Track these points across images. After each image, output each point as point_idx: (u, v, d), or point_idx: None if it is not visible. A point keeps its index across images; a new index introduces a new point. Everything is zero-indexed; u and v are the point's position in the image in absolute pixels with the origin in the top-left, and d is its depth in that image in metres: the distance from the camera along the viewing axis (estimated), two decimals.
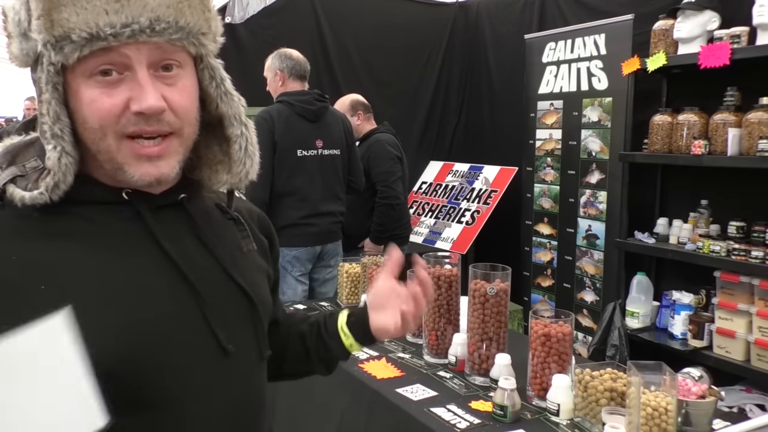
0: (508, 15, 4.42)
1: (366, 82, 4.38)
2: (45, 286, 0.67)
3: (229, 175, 0.83)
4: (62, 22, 0.65)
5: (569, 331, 1.51)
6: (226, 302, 0.80)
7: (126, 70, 0.70)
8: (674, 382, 1.26)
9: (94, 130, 0.70)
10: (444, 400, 1.54)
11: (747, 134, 2.50)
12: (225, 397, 0.77)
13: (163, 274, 0.74)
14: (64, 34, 0.65)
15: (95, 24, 0.65)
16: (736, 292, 2.57)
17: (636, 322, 2.98)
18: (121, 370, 0.68)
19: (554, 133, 3.68)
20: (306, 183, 2.86)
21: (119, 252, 0.72)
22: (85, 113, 0.70)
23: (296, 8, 4.11)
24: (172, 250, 0.75)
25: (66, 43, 0.66)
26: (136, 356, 0.69)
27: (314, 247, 2.91)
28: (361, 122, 3.43)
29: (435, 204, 4.52)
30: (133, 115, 0.70)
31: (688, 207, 2.96)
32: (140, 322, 0.70)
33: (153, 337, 0.71)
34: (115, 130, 0.70)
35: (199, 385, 0.74)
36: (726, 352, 2.60)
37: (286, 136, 2.82)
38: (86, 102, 0.69)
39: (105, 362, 0.64)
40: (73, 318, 0.59)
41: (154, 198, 0.77)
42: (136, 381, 0.69)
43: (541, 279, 3.83)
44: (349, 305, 2.34)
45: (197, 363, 0.74)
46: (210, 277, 0.78)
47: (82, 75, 0.69)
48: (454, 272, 1.81)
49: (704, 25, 2.72)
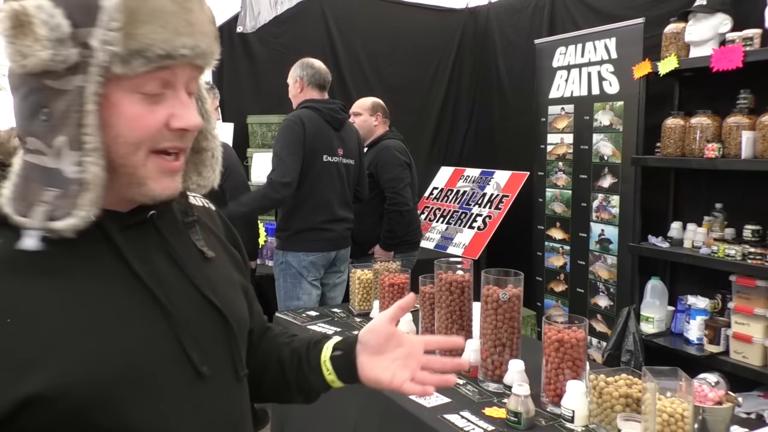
0: (518, 20, 4.43)
1: (376, 89, 4.40)
2: (10, 318, 0.64)
3: (199, 178, 0.85)
4: (140, 38, 0.66)
5: (583, 336, 1.50)
6: (200, 322, 0.78)
7: (167, 88, 0.71)
8: (690, 388, 1.24)
9: (129, 145, 0.70)
10: (457, 407, 1.53)
11: (761, 137, 2.48)
12: (202, 420, 0.76)
13: (135, 296, 0.72)
14: (140, 48, 0.66)
15: (172, 43, 0.67)
16: (753, 297, 2.54)
17: (651, 327, 2.95)
18: (95, 399, 0.66)
19: (566, 138, 3.67)
20: (329, 188, 2.91)
21: (88, 275, 0.70)
22: (124, 128, 0.69)
23: (307, 16, 4.14)
24: (142, 271, 0.73)
25: (137, 58, 0.66)
26: (109, 384, 0.67)
27: (330, 252, 2.94)
28: (378, 124, 3.45)
29: (446, 209, 4.51)
30: (170, 131, 0.71)
31: (702, 211, 2.94)
32: (112, 349, 0.69)
33: (126, 364, 0.69)
34: (149, 145, 0.71)
35: (175, 410, 0.73)
36: (743, 357, 2.57)
37: (315, 141, 2.86)
38: (129, 117, 0.69)
39: (78, 392, 0.64)
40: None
41: (123, 216, 0.75)
42: (111, 409, 0.67)
43: (554, 284, 3.81)
44: (362, 311, 2.35)
45: (172, 387, 0.73)
46: (182, 296, 0.77)
47: (127, 89, 0.68)
48: (466, 278, 1.80)
49: (716, 27, 2.71)
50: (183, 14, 0.68)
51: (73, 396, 0.64)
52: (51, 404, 0.63)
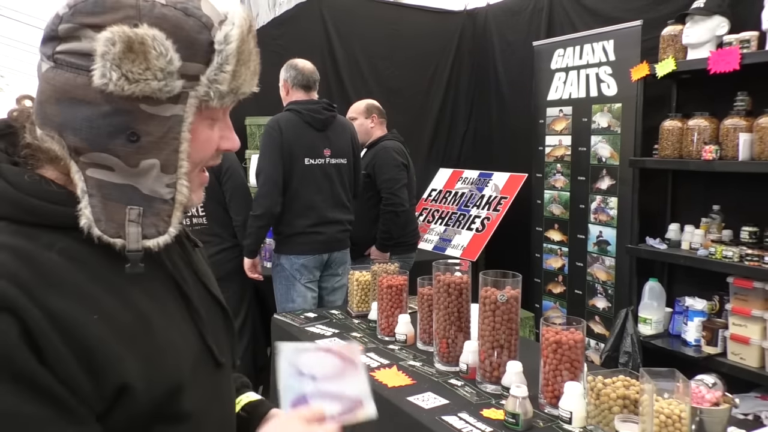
0: (516, 22, 4.43)
1: (375, 91, 4.40)
2: (97, 315, 0.67)
3: None
4: (238, 80, 0.74)
5: (581, 338, 1.50)
6: (212, 316, 0.85)
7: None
8: (688, 390, 1.25)
9: (194, 164, 0.76)
10: (455, 409, 1.54)
11: (758, 139, 2.49)
12: (221, 402, 0.84)
13: (172, 293, 0.79)
14: (236, 88, 0.75)
15: (253, 84, 0.78)
16: (750, 298, 2.55)
17: (649, 328, 2.96)
18: (169, 390, 0.71)
19: (564, 140, 3.68)
20: (313, 192, 2.87)
21: (138, 275, 0.74)
22: (195, 149, 0.75)
23: (305, 18, 4.14)
24: (174, 271, 0.80)
25: (230, 95, 0.75)
26: (180, 375, 0.74)
27: (321, 255, 2.92)
28: (374, 126, 3.43)
29: (445, 211, 4.52)
30: (217, 151, 0.79)
31: (700, 212, 2.95)
32: (178, 344, 0.75)
33: (184, 353, 0.76)
34: (204, 164, 0.79)
35: (208, 394, 0.80)
36: (740, 359, 2.58)
37: (294, 145, 2.82)
38: (202, 140, 0.76)
39: (160, 384, 0.70)
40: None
41: None
42: (177, 398, 0.72)
43: (552, 285, 3.81)
44: (360, 313, 2.35)
45: (204, 376, 0.79)
46: (197, 292, 0.83)
47: (206, 116, 0.75)
48: (464, 279, 1.80)
49: (713, 30, 2.71)
50: (257, 56, 0.78)
51: (156, 387, 0.69)
52: (140, 395, 0.67)
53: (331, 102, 3.02)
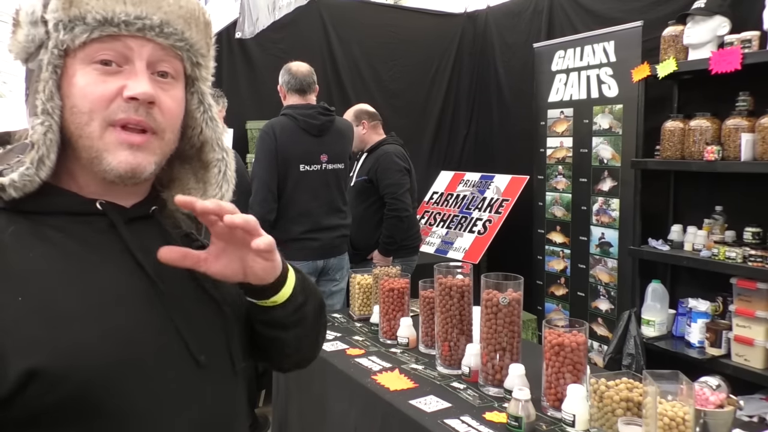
0: (517, 24, 4.43)
1: (375, 94, 4.41)
2: (22, 297, 0.66)
3: (204, 197, 0.84)
4: (80, 4, 0.70)
5: (583, 340, 1.49)
6: (198, 313, 0.79)
7: (126, 63, 0.74)
8: (691, 392, 1.24)
9: (82, 114, 0.72)
10: (458, 412, 1.53)
11: (760, 139, 2.48)
12: (196, 410, 0.76)
13: (137, 285, 0.74)
14: (80, 15, 0.70)
15: (111, 10, 0.71)
16: (754, 299, 2.53)
17: (652, 330, 2.94)
18: (97, 380, 0.67)
19: (565, 141, 3.67)
20: (308, 198, 2.83)
21: (94, 262, 0.73)
22: (77, 97, 0.72)
23: (305, 22, 4.15)
24: (144, 261, 0.75)
25: (78, 24, 0.70)
26: (112, 366, 0.68)
27: (316, 261, 2.88)
28: (366, 131, 3.37)
29: (446, 214, 4.51)
30: (123, 101, 0.73)
31: (702, 213, 2.94)
32: (116, 333, 0.70)
33: (128, 349, 0.70)
34: (103, 116, 0.73)
35: (173, 396, 0.74)
36: (744, 360, 2.57)
37: (289, 151, 2.79)
38: (80, 85, 0.72)
39: (81, 372, 0.66)
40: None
41: (126, 210, 0.79)
42: (111, 391, 0.68)
43: (555, 288, 3.80)
44: (362, 316, 2.35)
45: (171, 375, 0.74)
46: (181, 288, 0.78)
47: (82, 61, 0.72)
48: (466, 282, 1.80)
49: (714, 30, 2.71)
50: None
51: (77, 375, 0.65)
52: (56, 382, 0.64)
53: (328, 105, 2.97)
